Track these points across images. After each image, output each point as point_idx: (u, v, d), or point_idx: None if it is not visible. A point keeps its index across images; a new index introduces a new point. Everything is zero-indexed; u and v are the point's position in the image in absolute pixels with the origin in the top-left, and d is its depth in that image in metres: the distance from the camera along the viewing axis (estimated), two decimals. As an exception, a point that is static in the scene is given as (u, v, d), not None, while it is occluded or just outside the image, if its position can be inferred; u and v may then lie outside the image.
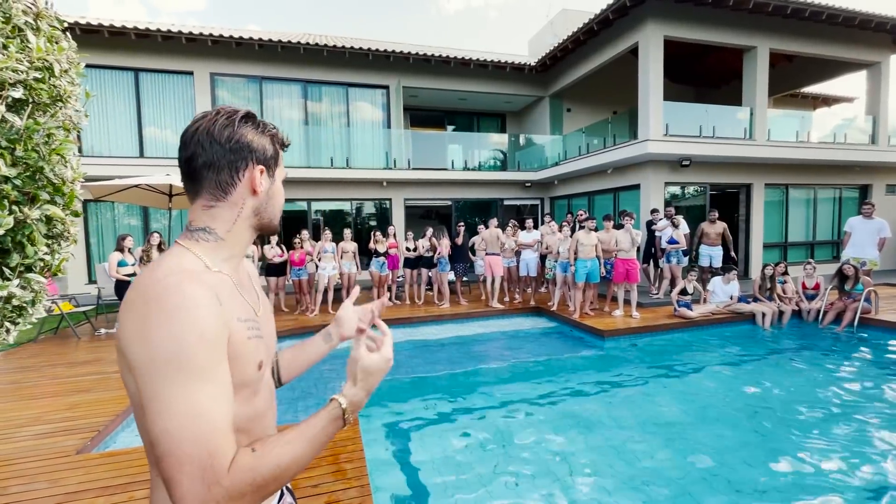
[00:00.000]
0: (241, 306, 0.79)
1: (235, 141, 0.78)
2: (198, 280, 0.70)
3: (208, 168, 0.78)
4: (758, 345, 6.06)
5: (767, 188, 10.35)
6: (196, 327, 0.64)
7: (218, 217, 0.80)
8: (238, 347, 0.74)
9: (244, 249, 0.87)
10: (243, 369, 0.76)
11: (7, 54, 1.04)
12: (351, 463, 2.63)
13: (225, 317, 0.71)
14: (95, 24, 8.92)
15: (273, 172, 0.86)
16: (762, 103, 9.47)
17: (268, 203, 0.86)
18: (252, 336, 0.79)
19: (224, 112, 0.80)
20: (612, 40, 9.72)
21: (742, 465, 3.07)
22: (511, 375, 5.07)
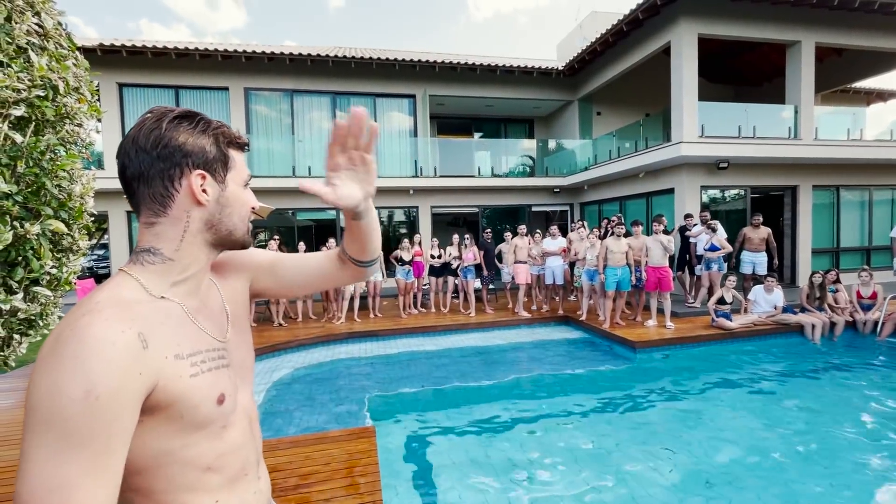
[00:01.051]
0: (189, 338, 0.71)
1: (163, 146, 0.68)
2: (118, 318, 0.61)
3: (138, 180, 0.69)
4: (807, 359, 5.63)
5: (816, 190, 9.70)
6: (84, 382, 0.54)
7: (162, 235, 0.71)
8: (178, 389, 0.66)
9: (203, 269, 0.77)
10: (194, 410, 0.69)
11: (7, 73, 1.06)
12: (365, 477, 2.58)
13: (149, 364, 0.62)
14: (140, 46, 9.46)
15: (222, 176, 0.75)
16: (808, 100, 8.91)
17: (221, 213, 0.75)
18: (202, 371, 0.71)
19: (154, 114, 0.70)
20: (643, 40, 9.43)
21: (785, 490, 2.82)
22: (538, 387, 4.91)
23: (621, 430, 3.79)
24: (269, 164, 10.67)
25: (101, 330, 0.58)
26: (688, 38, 8.31)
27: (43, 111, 1.18)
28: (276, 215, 10.78)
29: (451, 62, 11.10)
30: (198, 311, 0.76)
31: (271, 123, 11.19)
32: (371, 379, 5.26)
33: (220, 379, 0.74)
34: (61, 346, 0.57)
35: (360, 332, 6.96)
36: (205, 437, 0.72)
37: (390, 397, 4.72)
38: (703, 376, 5.07)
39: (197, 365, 0.70)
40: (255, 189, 6.61)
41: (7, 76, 1.05)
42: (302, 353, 6.30)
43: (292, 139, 11.06)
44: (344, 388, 4.94)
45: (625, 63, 10.20)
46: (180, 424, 0.68)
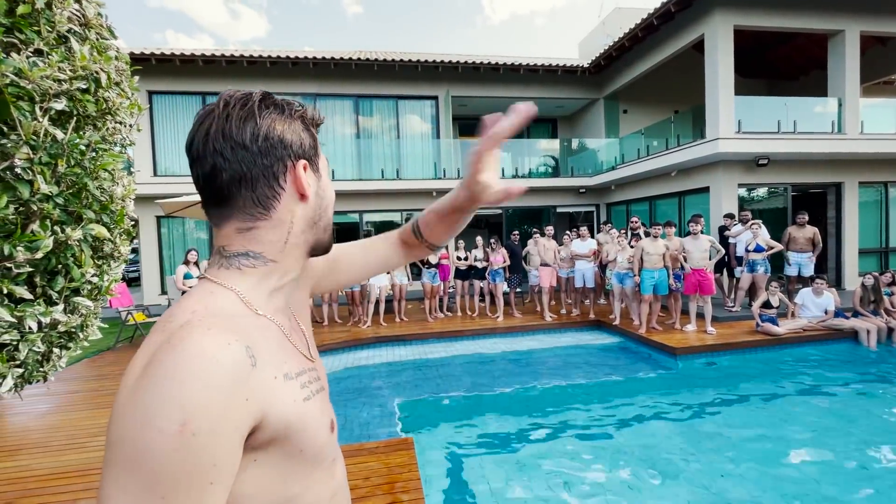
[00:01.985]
0: (291, 357, 0.59)
1: (264, 138, 0.57)
2: (222, 329, 0.49)
3: (239, 183, 0.56)
4: (863, 366, 5.26)
5: (862, 187, 9.18)
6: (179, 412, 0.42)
7: (262, 240, 0.59)
8: (294, 415, 0.53)
9: (297, 277, 0.65)
10: (313, 438, 0.57)
11: (48, 62, 0.97)
12: (408, 494, 2.44)
13: (258, 387, 0.50)
14: (168, 54, 9.62)
15: (317, 165, 0.64)
16: (853, 93, 8.45)
17: (321, 207, 0.65)
18: (312, 393, 0.59)
19: (235, 100, 0.57)
20: (674, 35, 9.11)
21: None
22: (572, 394, 4.70)
23: (668, 440, 3.56)
24: (293, 168, 10.70)
25: (202, 344, 0.46)
26: (723, 30, 7.98)
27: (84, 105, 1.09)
28: (300, 219, 10.83)
29: (474, 62, 10.97)
30: (291, 329, 0.64)
31: (295, 128, 11.23)
32: (399, 384, 5.14)
33: (325, 403, 0.63)
34: (154, 366, 0.45)
35: (386, 336, 6.85)
36: (322, 477, 0.61)
37: (420, 403, 4.58)
38: (752, 385, 4.76)
39: (307, 386, 0.59)
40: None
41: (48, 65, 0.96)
42: (329, 357, 6.22)
43: (316, 143, 11.08)
44: (373, 394, 4.83)
45: (654, 59, 9.89)
46: (300, 460, 0.55)
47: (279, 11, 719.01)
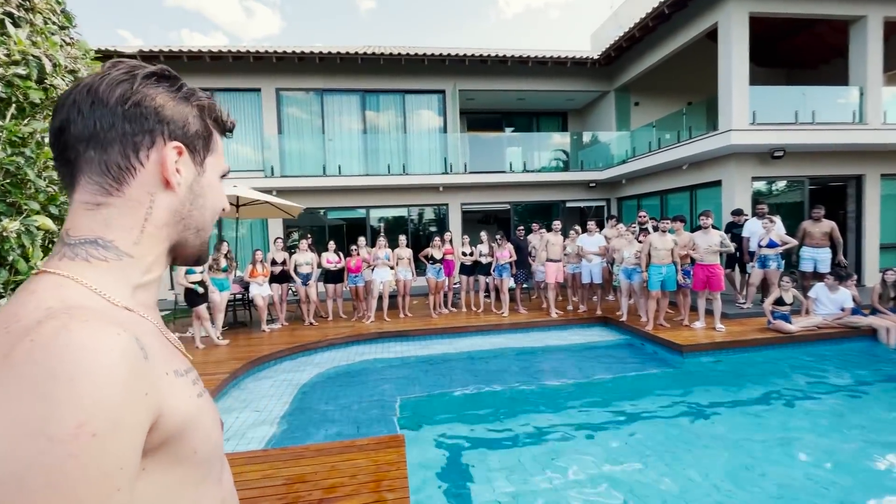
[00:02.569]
0: (175, 354, 0.54)
1: (134, 103, 0.51)
2: (107, 324, 0.43)
3: (87, 142, 0.50)
4: (882, 366, 5.04)
5: (884, 179, 8.81)
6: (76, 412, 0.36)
7: (113, 223, 0.52)
8: (188, 413, 0.49)
9: (156, 275, 0.58)
10: (207, 439, 0.52)
11: (-26, 45, 0.93)
12: (393, 493, 2.39)
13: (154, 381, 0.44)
14: (176, 51, 9.69)
15: (201, 157, 0.59)
16: (875, 81, 8.10)
17: (193, 204, 0.58)
18: (201, 391, 0.54)
19: (125, 66, 0.53)
20: (686, 23, 8.84)
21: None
22: (576, 393, 4.61)
23: (670, 439, 3.45)
24: (301, 163, 10.73)
25: (84, 337, 0.40)
26: (738, 17, 7.71)
27: (27, 93, 1.05)
28: (307, 215, 10.84)
29: (481, 55, 10.82)
30: (165, 328, 0.58)
31: (302, 123, 11.26)
32: (401, 380, 5.10)
33: (212, 403, 0.58)
34: (23, 368, 0.37)
35: (390, 331, 6.82)
36: (213, 483, 0.55)
37: (421, 400, 4.54)
38: (759, 384, 4.60)
39: (196, 383, 0.53)
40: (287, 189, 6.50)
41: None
42: (332, 352, 6.22)
43: (322, 138, 11.09)
44: (374, 390, 4.80)
45: (665, 49, 9.62)
46: (193, 464, 0.50)
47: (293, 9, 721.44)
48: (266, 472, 2.60)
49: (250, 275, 7.00)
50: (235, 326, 7.39)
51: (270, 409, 4.31)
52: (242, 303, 8.20)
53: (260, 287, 6.98)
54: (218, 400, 4.49)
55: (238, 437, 3.73)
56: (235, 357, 5.51)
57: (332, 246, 7.59)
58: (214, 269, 6.40)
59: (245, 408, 4.37)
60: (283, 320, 7.40)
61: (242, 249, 10.50)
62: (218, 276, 6.40)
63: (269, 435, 3.77)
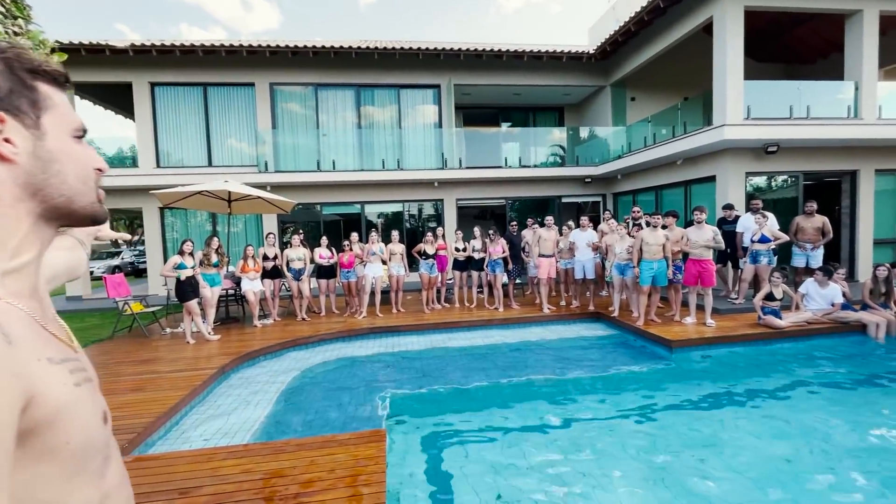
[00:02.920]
0: (50, 343, 0.52)
1: None
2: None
3: None
4: (870, 361, 5.05)
5: (878, 174, 8.79)
6: None
7: None
8: (62, 401, 0.47)
9: (39, 253, 0.56)
10: (83, 429, 0.50)
11: None
12: (369, 487, 2.40)
13: (20, 363, 0.43)
14: (169, 45, 9.63)
15: (32, 119, 0.53)
16: (871, 76, 8.06)
17: (47, 172, 0.54)
18: (80, 381, 0.52)
19: None
20: (682, 18, 8.78)
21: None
22: (567, 388, 4.60)
23: (654, 436, 3.45)
24: (295, 159, 10.69)
25: None
26: (732, 11, 7.65)
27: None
28: (301, 210, 10.84)
29: (475, 49, 10.76)
30: (45, 317, 0.55)
31: (296, 118, 11.21)
32: (392, 376, 5.10)
33: (96, 393, 0.56)
34: None
35: (382, 327, 6.82)
36: (91, 477, 0.53)
37: (411, 396, 4.54)
38: (747, 379, 4.60)
39: (75, 373, 0.52)
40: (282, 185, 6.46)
41: None
42: (323, 347, 6.23)
43: (317, 133, 11.05)
44: (364, 385, 4.80)
45: (661, 43, 9.57)
46: (65, 456, 0.48)
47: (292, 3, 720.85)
48: (246, 467, 2.61)
49: (241, 270, 7.00)
50: (227, 322, 7.40)
51: (257, 404, 4.31)
52: (234, 298, 8.20)
53: (251, 282, 6.98)
54: (207, 394, 4.50)
55: (224, 432, 3.73)
56: (226, 352, 5.51)
57: (324, 241, 7.58)
58: (205, 264, 6.40)
59: (233, 402, 4.37)
60: (276, 316, 7.40)
61: (237, 245, 10.49)
62: (209, 271, 6.39)
63: (255, 429, 3.78)
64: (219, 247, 6.65)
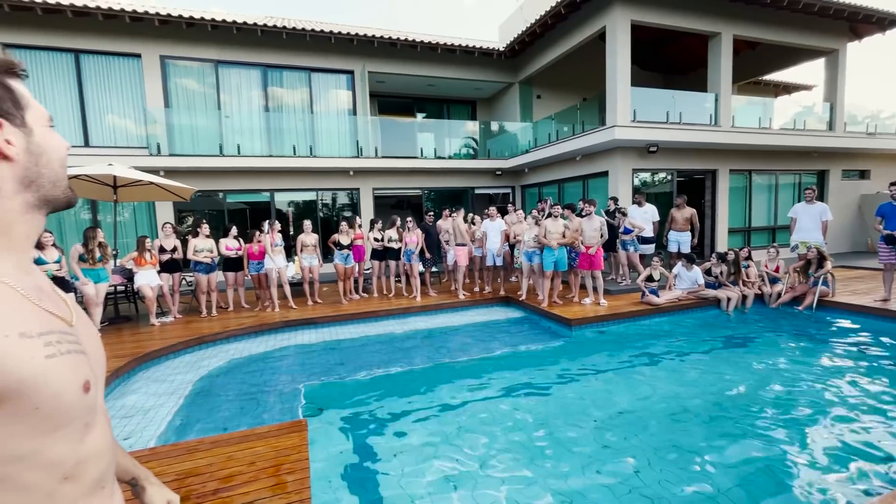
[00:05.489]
0: (31, 318, 0.57)
1: None
2: None
3: None
4: (722, 328, 6.13)
5: (732, 174, 10.52)
6: None
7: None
8: (29, 372, 0.52)
9: (28, 240, 0.62)
10: (54, 398, 0.55)
11: None
12: (293, 475, 2.43)
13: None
14: (27, 1, 8.17)
15: (20, 119, 0.59)
16: (727, 90, 9.56)
17: (38, 165, 0.60)
18: (58, 352, 0.57)
19: None
20: (581, 24, 9.59)
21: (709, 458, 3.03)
22: (479, 368, 4.94)
23: (558, 405, 3.90)
24: (193, 141, 9.77)
25: None
26: (622, 23, 8.55)
27: None
28: (201, 198, 9.98)
29: (390, 38, 10.69)
30: (38, 292, 0.61)
31: (194, 97, 10.22)
32: (309, 368, 5.04)
33: (80, 364, 0.61)
34: None
35: (296, 320, 6.64)
36: (65, 438, 0.58)
37: (328, 386, 4.55)
38: (631, 349, 5.35)
39: (53, 345, 0.57)
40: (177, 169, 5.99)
41: None
42: (233, 344, 5.92)
43: (219, 115, 10.19)
44: (278, 379, 4.69)
45: (563, 46, 10.35)
46: (35, 420, 0.53)
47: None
48: (154, 471, 2.47)
49: (137, 263, 6.32)
50: (118, 321, 6.65)
51: (161, 406, 4.02)
52: (125, 295, 7.38)
53: (148, 276, 6.34)
54: (96, 402, 4.06)
55: (123, 437, 3.44)
56: (118, 354, 5.00)
57: (234, 231, 7.11)
58: (89, 259, 5.68)
59: (132, 407, 4.02)
60: (176, 312, 6.82)
61: (126, 236, 9.39)
62: (93, 266, 5.69)
63: (159, 433, 3.54)
64: (102, 240, 5.93)
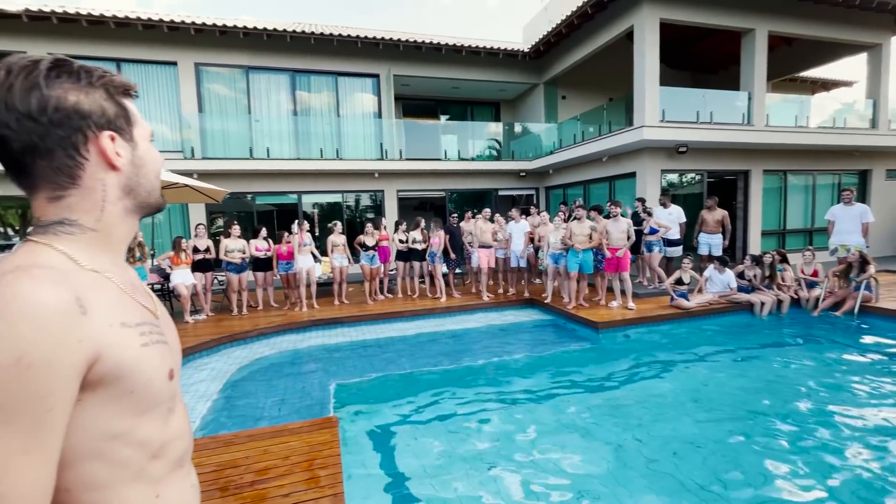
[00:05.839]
0: (129, 309, 0.63)
1: (54, 109, 0.58)
2: (51, 280, 0.53)
3: (33, 154, 0.58)
4: (755, 334, 5.93)
5: (766, 174, 10.17)
6: (14, 348, 0.47)
7: (76, 207, 0.62)
8: (128, 359, 0.58)
9: (125, 241, 0.70)
10: (147, 383, 0.61)
11: None
12: (326, 470, 2.48)
13: (90, 332, 0.54)
14: (73, 14, 8.62)
15: (130, 134, 0.67)
16: (761, 88, 9.25)
17: (138, 175, 0.68)
18: (150, 342, 0.63)
19: (19, 69, 0.57)
20: (607, 24, 9.46)
21: (735, 462, 2.94)
22: (503, 370, 4.93)
23: (584, 410, 3.86)
24: (225, 145, 10.09)
25: (31, 290, 0.51)
26: (650, 22, 8.39)
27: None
28: (231, 199, 10.28)
29: (415, 41, 10.79)
30: (132, 287, 0.68)
31: (226, 102, 10.56)
32: (336, 367, 5.14)
33: (166, 354, 0.67)
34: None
35: (324, 319, 6.77)
36: (152, 420, 0.64)
37: (356, 385, 4.62)
38: (660, 354, 5.24)
39: (146, 335, 0.63)
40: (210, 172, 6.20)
41: None
42: (263, 342, 6.08)
43: (249, 119, 10.50)
44: (308, 378, 4.79)
45: (589, 46, 10.23)
46: (130, 402, 0.59)
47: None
48: (193, 461, 2.57)
49: (173, 262, 6.57)
50: (154, 318, 6.91)
51: (197, 401, 4.17)
52: (161, 293, 7.67)
53: (183, 275, 6.58)
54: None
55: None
56: (155, 350, 5.20)
57: (263, 232, 7.31)
58: (129, 260, 5.94)
59: (168, 401, 4.18)
60: (209, 311, 7.05)
61: (160, 236, 9.76)
62: (133, 265, 5.95)
63: (196, 426, 3.67)
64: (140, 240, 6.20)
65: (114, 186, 0.65)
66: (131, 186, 0.67)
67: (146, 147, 0.70)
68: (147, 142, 0.71)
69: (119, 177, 0.65)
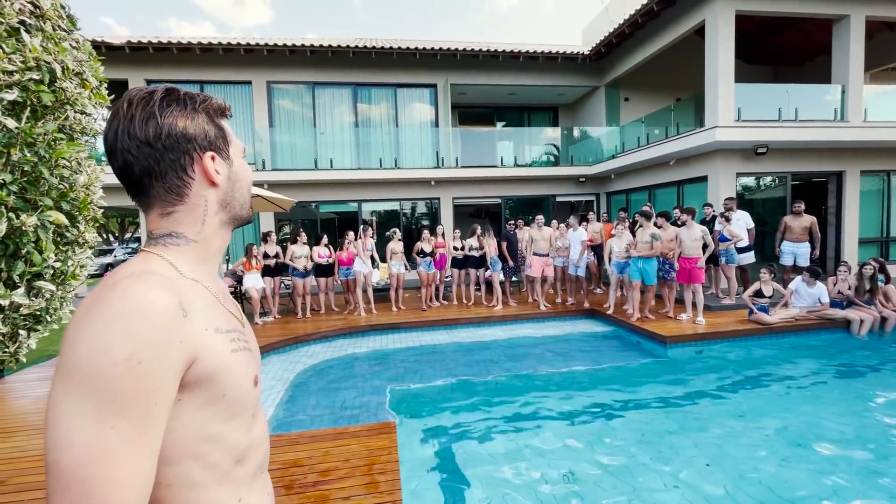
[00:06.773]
0: (221, 316, 0.68)
1: (167, 135, 0.65)
2: (160, 285, 0.58)
3: (150, 176, 0.65)
4: (851, 356, 5.26)
5: (864, 176, 9.06)
6: (129, 343, 0.51)
7: (182, 221, 0.69)
8: (220, 362, 0.62)
9: (220, 252, 0.75)
10: (235, 387, 0.65)
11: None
12: (384, 475, 2.51)
13: (190, 334, 0.58)
14: (166, 42, 9.60)
15: (227, 153, 0.73)
16: (857, 79, 8.30)
17: (233, 190, 0.74)
18: (238, 349, 0.67)
19: (138, 101, 0.65)
20: (675, 20, 8.96)
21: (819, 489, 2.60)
22: (562, 383, 4.75)
23: (650, 428, 3.61)
24: (292, 157, 10.72)
25: (145, 292, 0.56)
26: (724, 15, 7.83)
27: (39, 96, 1.12)
28: (298, 208, 10.87)
29: (472, 49, 10.86)
30: (224, 296, 0.74)
31: (293, 117, 11.23)
32: (393, 372, 5.22)
33: (251, 361, 0.71)
34: (103, 305, 0.54)
35: (381, 324, 6.92)
36: (239, 425, 0.68)
37: (412, 391, 4.66)
38: (736, 373, 4.80)
39: (235, 341, 0.68)
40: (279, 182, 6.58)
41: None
42: (324, 344, 6.32)
43: (314, 132, 11.08)
44: (365, 381, 4.91)
45: (654, 45, 9.74)
46: (222, 405, 0.64)
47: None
48: (262, 458, 2.70)
49: (245, 268, 7.05)
50: (228, 319, 7.43)
51: (265, 400, 4.40)
52: (235, 296, 8.25)
53: (254, 280, 7.03)
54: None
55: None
56: (229, 349, 5.57)
57: (324, 239, 7.65)
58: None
59: (239, 398, 4.45)
60: (276, 313, 7.46)
61: (233, 243, 10.52)
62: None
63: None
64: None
65: (213, 201, 0.71)
66: (227, 200, 0.73)
67: (240, 163, 0.76)
68: (240, 158, 0.76)
69: (218, 192, 0.71)
